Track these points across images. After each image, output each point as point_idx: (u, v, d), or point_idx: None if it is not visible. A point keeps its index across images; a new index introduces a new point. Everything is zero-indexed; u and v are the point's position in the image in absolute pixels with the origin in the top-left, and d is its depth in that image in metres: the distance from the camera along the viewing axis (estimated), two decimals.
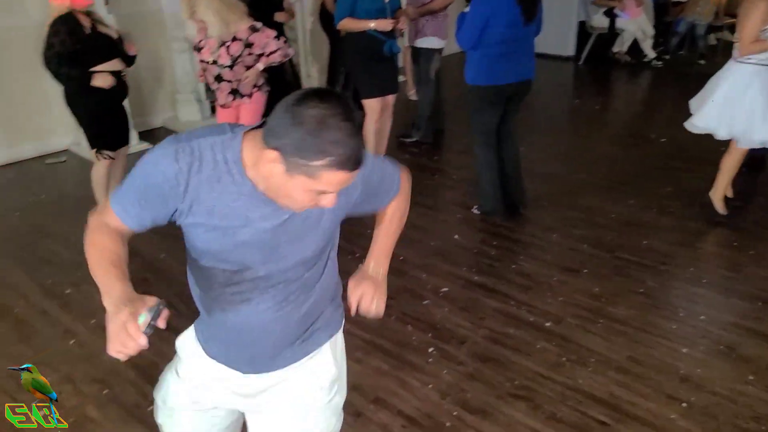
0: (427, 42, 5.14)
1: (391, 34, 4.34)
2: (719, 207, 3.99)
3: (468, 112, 4.01)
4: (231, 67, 3.73)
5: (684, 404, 2.55)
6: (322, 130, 1.11)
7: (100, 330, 3.06)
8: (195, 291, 1.48)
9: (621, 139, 5.70)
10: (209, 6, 3.61)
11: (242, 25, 3.70)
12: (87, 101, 3.73)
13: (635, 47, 7.97)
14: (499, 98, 3.80)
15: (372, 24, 4.23)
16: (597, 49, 8.01)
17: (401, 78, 5.95)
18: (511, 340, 2.96)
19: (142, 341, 1.13)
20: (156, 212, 1.29)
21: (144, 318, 1.16)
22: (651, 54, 7.87)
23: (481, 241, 3.89)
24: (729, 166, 3.90)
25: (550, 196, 4.42)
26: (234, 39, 3.68)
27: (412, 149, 5.39)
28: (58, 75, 3.59)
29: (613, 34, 7.92)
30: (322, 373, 1.54)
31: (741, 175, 4.15)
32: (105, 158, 3.90)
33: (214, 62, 3.73)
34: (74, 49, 3.52)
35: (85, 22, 3.61)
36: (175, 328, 1.43)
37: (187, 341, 1.60)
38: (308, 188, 1.18)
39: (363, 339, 2.99)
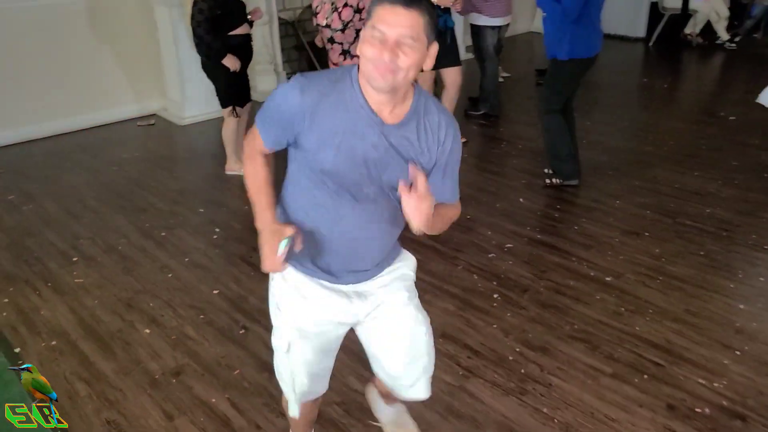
0: (481, 20, 5.25)
1: (447, 9, 4.51)
2: None
3: (548, 85, 4.12)
4: (342, 30, 3.97)
5: (737, 352, 2.69)
6: None
7: (193, 266, 3.41)
8: (299, 214, 1.65)
9: (689, 115, 5.72)
10: None
11: None
12: (224, 66, 4.19)
13: (708, 29, 7.86)
14: (587, 69, 3.94)
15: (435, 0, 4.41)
16: (669, 31, 7.93)
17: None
18: (571, 291, 3.14)
19: (284, 267, 1.53)
20: (288, 134, 1.56)
21: (284, 245, 1.50)
22: (725, 36, 7.76)
23: (545, 205, 4.06)
24: None
25: (617, 167, 4.53)
26: (345, 5, 3.92)
27: (480, 121, 5.56)
28: (201, 42, 4.06)
29: (686, 14, 7.83)
30: (409, 273, 1.83)
31: None
32: (236, 116, 4.42)
33: (327, 26, 3.99)
34: (216, 14, 3.99)
35: None
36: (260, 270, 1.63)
37: (284, 286, 1.78)
38: (370, 35, 1.44)
39: (432, 284, 3.23)
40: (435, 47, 1.51)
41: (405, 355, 1.83)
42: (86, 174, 4.74)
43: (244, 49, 4.29)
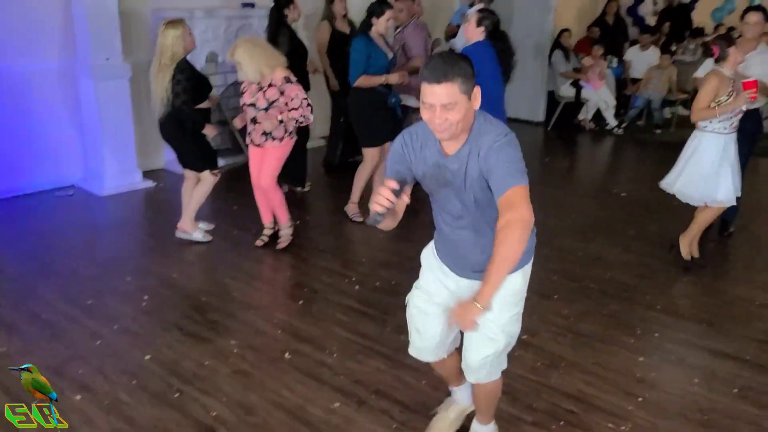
0: (406, 101, 5.58)
1: (390, 87, 4.89)
2: (684, 252, 4.34)
3: None
4: (266, 110, 4.20)
5: (640, 399, 2.99)
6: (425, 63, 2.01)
7: (123, 332, 3.42)
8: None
9: (587, 192, 6.30)
10: (247, 50, 4.10)
11: (278, 73, 4.18)
12: (196, 135, 4.45)
13: (598, 116, 8.72)
14: None
15: (383, 79, 4.77)
16: (564, 117, 8.74)
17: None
18: None
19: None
20: (401, 167, 2.17)
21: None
22: (612, 122, 8.62)
23: None
24: (703, 218, 4.25)
25: None
26: (270, 85, 4.17)
27: (414, 194, 5.85)
28: (183, 115, 4.31)
29: (579, 103, 8.67)
30: (510, 287, 2.23)
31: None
32: (215, 175, 4.63)
33: (252, 105, 4.21)
34: (192, 91, 4.24)
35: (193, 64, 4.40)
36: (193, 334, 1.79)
37: (427, 253, 2.49)
38: (422, 104, 1.97)
39: (363, 345, 3.39)
40: (477, 91, 2.00)
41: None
42: (4, 243, 4.63)
43: (208, 121, 4.55)
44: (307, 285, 4.13)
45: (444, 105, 1.93)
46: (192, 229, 4.66)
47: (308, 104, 4.26)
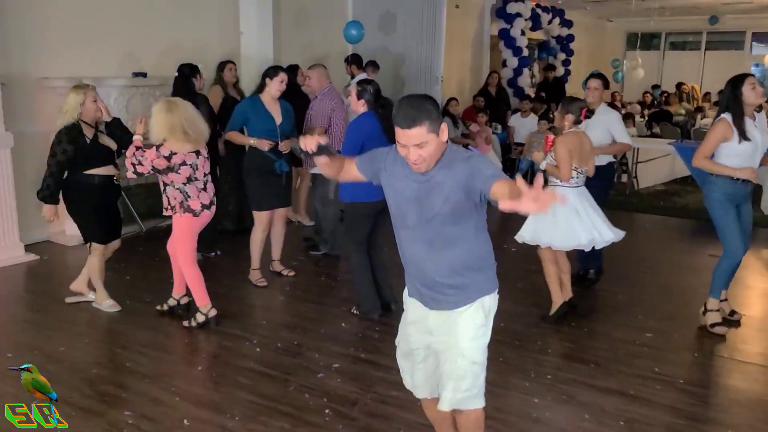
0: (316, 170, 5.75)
1: (280, 155, 4.95)
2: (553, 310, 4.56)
3: (344, 225, 4.60)
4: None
5: None
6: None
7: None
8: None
9: None
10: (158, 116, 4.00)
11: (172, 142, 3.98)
12: (80, 202, 4.31)
13: None
14: (373, 212, 4.43)
15: (252, 141, 4.84)
16: None
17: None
18: (395, 400, 3.42)
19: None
20: (372, 168, 2.50)
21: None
22: None
23: (366, 328, 4.41)
24: (549, 271, 4.54)
25: None
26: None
27: (320, 262, 5.87)
28: (49, 178, 4.17)
29: None
30: (471, 319, 2.42)
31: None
32: (89, 252, 4.42)
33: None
34: (74, 155, 4.10)
35: (88, 132, 4.20)
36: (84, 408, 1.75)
37: (404, 296, 2.59)
38: (399, 145, 2.23)
39: (265, 405, 3.34)
40: (444, 126, 2.23)
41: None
42: None
43: (105, 188, 4.35)
44: (206, 351, 4.03)
45: (416, 145, 2.19)
46: (83, 291, 4.61)
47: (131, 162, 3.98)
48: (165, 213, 4.23)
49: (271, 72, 4.92)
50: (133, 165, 3.97)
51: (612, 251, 6.53)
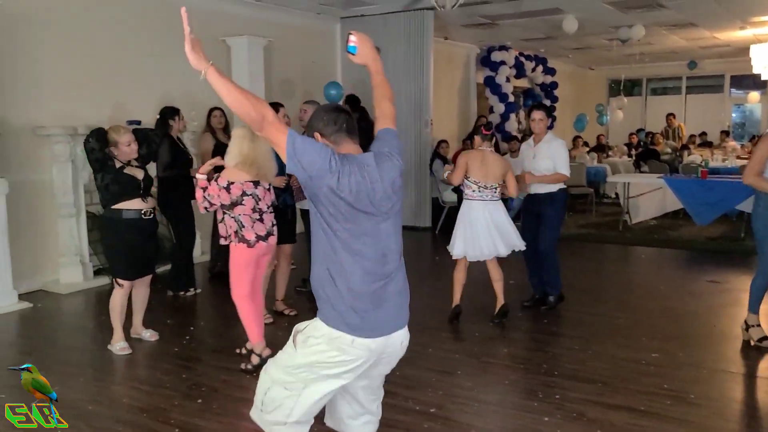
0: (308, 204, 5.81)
1: (284, 189, 4.99)
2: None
3: None
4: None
5: None
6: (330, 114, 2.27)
7: None
8: (333, 283, 2.20)
9: (476, 282, 6.51)
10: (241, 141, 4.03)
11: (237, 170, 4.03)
12: (111, 238, 4.33)
13: None
14: None
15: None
16: (449, 220, 9.18)
17: None
18: (401, 424, 3.34)
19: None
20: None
21: None
22: None
23: None
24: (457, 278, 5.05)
25: (421, 322, 5.01)
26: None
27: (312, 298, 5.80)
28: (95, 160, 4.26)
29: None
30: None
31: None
32: (119, 286, 4.33)
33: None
34: (103, 185, 4.19)
35: (116, 163, 4.26)
36: None
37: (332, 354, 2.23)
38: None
39: None
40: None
41: None
42: None
43: (134, 223, 4.32)
44: (205, 384, 3.93)
45: None
46: (118, 342, 4.45)
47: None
48: (222, 242, 4.15)
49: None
50: (205, 208, 4.02)
51: (608, 278, 6.55)
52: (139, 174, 4.36)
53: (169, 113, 5.73)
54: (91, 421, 3.42)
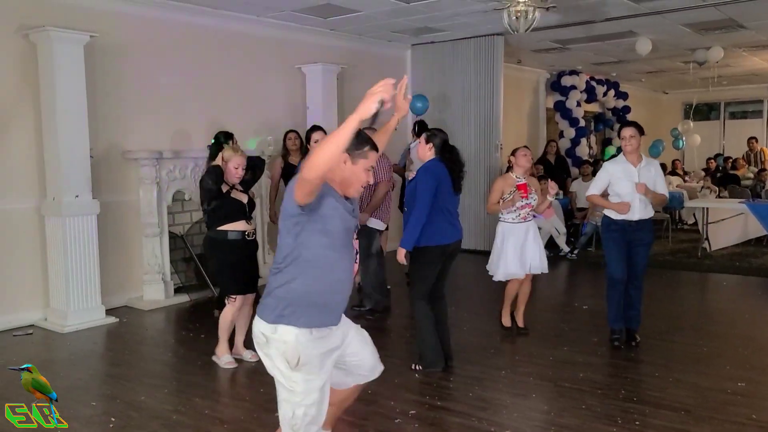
0: (372, 222, 5.92)
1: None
2: (504, 321, 5.37)
3: (411, 273, 4.60)
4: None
5: None
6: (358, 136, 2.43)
7: None
8: (309, 286, 2.48)
9: (551, 306, 6.42)
10: None
11: None
12: (217, 257, 4.56)
13: (552, 243, 9.11)
14: (443, 256, 4.46)
15: None
16: None
17: None
18: None
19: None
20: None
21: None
22: (565, 248, 9.02)
23: (439, 378, 4.33)
24: (509, 291, 5.34)
25: (494, 346, 4.98)
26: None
27: (368, 317, 5.89)
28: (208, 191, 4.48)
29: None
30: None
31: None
32: (232, 302, 4.54)
33: None
34: (216, 192, 4.40)
35: (224, 186, 4.49)
36: None
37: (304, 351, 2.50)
38: (365, 169, 2.50)
39: None
40: None
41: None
42: None
43: (238, 244, 4.51)
44: None
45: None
46: (223, 355, 4.63)
47: None
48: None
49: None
50: None
51: (688, 305, 6.34)
52: (244, 198, 4.57)
53: (224, 137, 5.62)
54: (177, 430, 3.56)
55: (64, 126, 5.64)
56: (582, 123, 12.46)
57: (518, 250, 5.14)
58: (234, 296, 4.54)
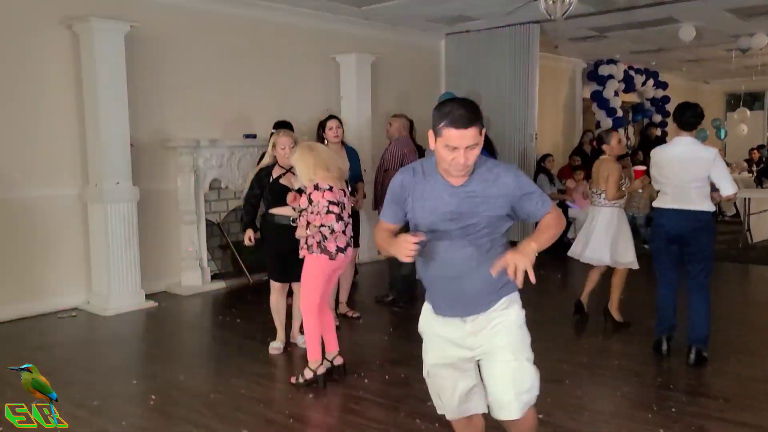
0: None
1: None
2: (617, 317, 5.15)
3: None
4: (298, 216, 4.09)
5: None
6: (441, 108, 2.14)
7: (132, 428, 3.33)
8: (422, 271, 2.40)
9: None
10: (300, 155, 3.97)
11: (320, 180, 3.90)
12: (265, 239, 4.60)
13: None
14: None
15: None
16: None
17: None
18: None
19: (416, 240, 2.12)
20: (400, 208, 2.34)
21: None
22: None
23: None
24: (617, 283, 5.18)
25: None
26: (300, 191, 4.08)
27: (393, 308, 5.90)
28: (243, 213, 4.74)
29: (567, 222, 8.99)
30: (511, 315, 2.43)
31: None
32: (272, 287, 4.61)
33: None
34: (261, 194, 4.53)
35: (276, 173, 4.51)
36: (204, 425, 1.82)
37: (424, 322, 2.51)
38: (444, 147, 2.13)
39: (378, 429, 3.33)
40: (483, 132, 2.19)
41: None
42: (9, 359, 4.57)
43: (282, 229, 4.37)
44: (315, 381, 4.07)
45: (469, 146, 2.13)
46: (278, 340, 4.69)
47: (328, 211, 3.87)
48: (301, 253, 4.02)
49: (323, 121, 5.39)
50: (323, 224, 3.90)
51: (729, 296, 6.21)
52: (295, 184, 4.36)
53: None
54: (215, 408, 3.65)
55: (106, 114, 5.78)
56: (619, 113, 12.25)
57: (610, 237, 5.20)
58: (273, 282, 4.58)
